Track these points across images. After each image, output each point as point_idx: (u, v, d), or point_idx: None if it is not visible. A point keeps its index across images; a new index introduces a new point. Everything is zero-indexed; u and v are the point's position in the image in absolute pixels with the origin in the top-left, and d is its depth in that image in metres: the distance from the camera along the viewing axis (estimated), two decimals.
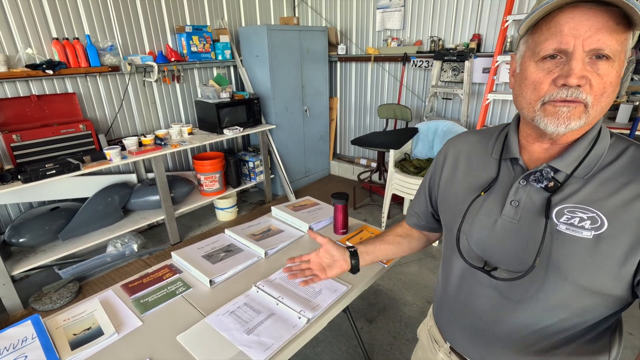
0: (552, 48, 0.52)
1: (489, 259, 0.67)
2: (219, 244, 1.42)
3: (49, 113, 2.36)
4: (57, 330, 1.01)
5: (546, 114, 0.55)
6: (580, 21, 0.50)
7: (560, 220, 0.58)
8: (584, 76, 0.51)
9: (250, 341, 0.95)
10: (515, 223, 0.62)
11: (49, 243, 2.34)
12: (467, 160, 0.74)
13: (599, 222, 0.55)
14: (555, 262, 0.58)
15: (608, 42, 0.49)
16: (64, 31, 2.42)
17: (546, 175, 0.60)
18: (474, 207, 0.68)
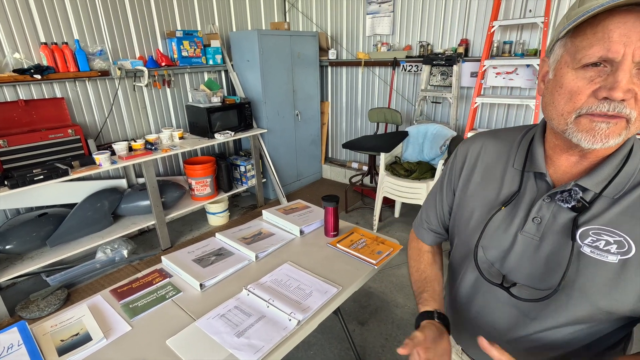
0: (598, 55, 0.46)
1: (507, 274, 0.64)
2: (209, 247, 1.42)
3: (37, 118, 2.33)
4: (44, 336, 0.99)
5: (580, 128, 0.50)
6: (633, 27, 0.44)
7: (585, 242, 0.55)
8: (630, 89, 0.45)
9: (240, 344, 0.95)
10: (537, 240, 0.60)
11: (37, 250, 2.30)
12: (485, 168, 0.70)
13: (626, 246, 0.52)
14: (578, 286, 0.56)
15: None
16: (53, 36, 2.41)
17: (574, 196, 0.56)
18: (493, 221, 0.65)
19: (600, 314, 0.57)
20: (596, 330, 0.60)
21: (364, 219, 3.23)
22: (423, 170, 2.75)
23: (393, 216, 3.24)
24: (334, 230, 1.47)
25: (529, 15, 2.64)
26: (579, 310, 0.57)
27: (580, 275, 0.55)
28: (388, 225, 3.10)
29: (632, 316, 0.56)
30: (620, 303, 0.54)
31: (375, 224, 2.95)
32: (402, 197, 2.71)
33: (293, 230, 1.53)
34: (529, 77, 2.68)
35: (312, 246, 1.43)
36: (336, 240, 1.43)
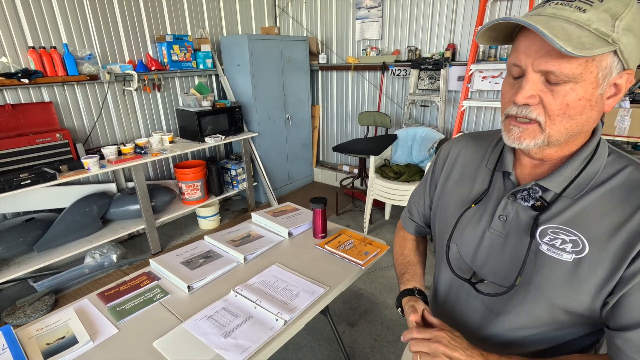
0: (512, 63, 0.54)
1: (477, 270, 0.68)
2: (198, 250, 1.43)
3: (24, 122, 2.31)
4: (30, 340, 0.99)
5: (505, 128, 0.57)
6: (532, 42, 0.50)
7: (543, 240, 0.58)
8: (533, 95, 0.51)
9: (227, 344, 0.96)
10: (503, 237, 0.63)
11: (24, 255, 2.28)
12: (463, 167, 0.74)
13: (580, 246, 0.54)
14: (535, 283, 0.58)
15: (558, 66, 0.48)
16: (41, 40, 2.40)
17: (533, 195, 0.59)
18: (464, 218, 0.69)
19: (560, 313, 0.58)
20: (564, 334, 0.61)
21: (354, 222, 3.26)
22: (412, 173, 2.78)
23: (383, 218, 3.27)
24: (322, 232, 1.49)
25: None
26: (537, 308, 0.59)
27: (537, 272, 0.58)
28: (379, 227, 3.12)
29: (592, 317, 0.57)
30: (575, 302, 0.56)
31: (366, 226, 2.97)
32: (392, 199, 2.75)
33: (282, 232, 1.54)
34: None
35: (300, 248, 1.44)
36: (324, 242, 1.45)
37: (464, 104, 2.82)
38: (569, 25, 0.47)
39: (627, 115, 2.37)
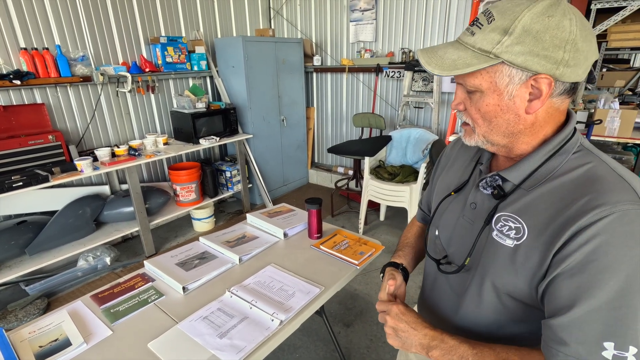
0: None
1: (449, 254, 0.75)
2: (193, 251, 1.42)
3: (16, 124, 2.29)
4: (22, 343, 0.98)
5: None
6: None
7: (496, 227, 0.62)
8: (460, 103, 0.62)
9: (223, 344, 0.95)
10: (471, 223, 0.69)
11: (15, 258, 2.25)
12: (454, 159, 0.82)
13: (521, 232, 0.58)
14: (481, 265, 0.64)
15: (467, 81, 0.59)
16: (33, 41, 2.38)
17: (491, 183, 0.66)
18: (443, 205, 0.76)
19: (507, 299, 0.62)
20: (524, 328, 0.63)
21: (350, 223, 3.26)
22: (406, 174, 2.80)
23: (378, 219, 3.28)
24: (318, 233, 1.49)
25: None
26: (484, 291, 0.64)
27: (484, 255, 0.64)
28: (374, 228, 3.13)
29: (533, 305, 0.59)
30: (515, 287, 0.59)
31: (361, 227, 2.98)
32: (387, 200, 2.76)
33: (277, 233, 1.54)
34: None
35: (295, 248, 1.44)
36: (319, 242, 1.45)
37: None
38: (458, 50, 0.57)
39: (617, 117, 2.42)
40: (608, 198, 0.50)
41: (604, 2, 3.22)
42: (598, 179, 0.54)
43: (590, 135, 2.51)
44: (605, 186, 0.52)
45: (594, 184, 0.53)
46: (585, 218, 0.50)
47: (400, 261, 0.88)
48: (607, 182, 0.53)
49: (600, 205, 0.50)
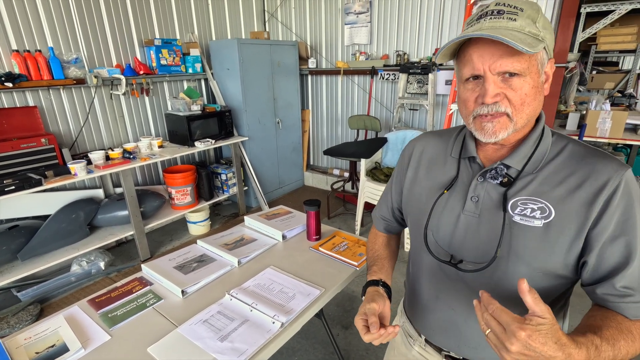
0: (469, 74, 0.62)
1: (454, 253, 0.71)
2: (191, 254, 1.41)
3: (8, 127, 2.25)
4: (18, 349, 0.96)
5: (476, 127, 0.64)
6: (484, 50, 0.59)
7: (515, 212, 0.64)
8: (498, 94, 0.60)
9: (224, 348, 0.94)
10: (477, 217, 0.68)
11: (7, 264, 2.21)
12: (429, 160, 0.80)
13: (547, 211, 0.61)
14: (514, 251, 0.63)
15: (511, 64, 0.58)
16: (25, 43, 2.35)
17: (500, 172, 0.66)
18: (438, 205, 0.73)
19: (539, 277, 0.64)
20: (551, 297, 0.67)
21: (346, 225, 3.26)
22: None
23: None
24: (316, 234, 1.49)
25: None
26: (518, 274, 0.64)
27: (514, 241, 0.63)
28: (370, 229, 3.13)
29: (565, 275, 0.64)
30: (551, 262, 0.62)
31: (357, 228, 2.98)
32: None
33: (275, 235, 1.53)
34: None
35: (294, 250, 1.44)
36: (318, 244, 1.45)
37: (451, 108, 2.87)
38: (510, 32, 0.57)
39: (608, 118, 2.46)
40: (609, 168, 0.59)
41: (593, 6, 3.28)
42: (587, 154, 0.63)
43: (583, 136, 2.55)
44: (598, 158, 0.61)
45: (590, 159, 0.62)
46: (607, 189, 0.58)
47: (379, 277, 0.83)
48: (595, 156, 0.62)
49: (611, 176, 0.58)
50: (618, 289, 0.58)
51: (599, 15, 3.34)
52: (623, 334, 0.55)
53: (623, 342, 0.54)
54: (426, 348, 0.84)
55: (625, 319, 0.58)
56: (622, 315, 0.59)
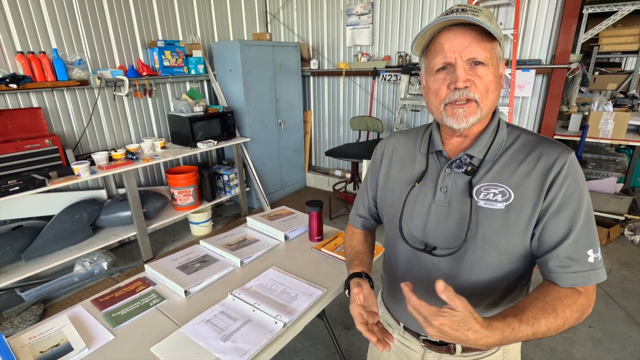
0: (442, 63, 0.67)
1: (428, 241, 0.77)
2: (193, 255, 1.41)
3: (12, 128, 2.27)
4: (22, 349, 0.97)
5: (448, 114, 0.69)
6: (454, 39, 0.65)
7: (480, 197, 0.70)
8: (468, 79, 0.65)
9: (226, 348, 0.95)
10: (446, 206, 0.74)
11: (11, 264, 2.22)
12: (400, 157, 0.85)
13: (507, 194, 0.68)
14: (481, 234, 0.69)
15: (478, 52, 0.64)
16: (29, 45, 2.37)
17: (465, 162, 0.72)
18: (411, 197, 0.79)
19: (504, 256, 0.70)
20: (508, 277, 0.73)
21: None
22: None
23: None
24: (318, 235, 1.49)
25: None
26: (487, 255, 0.70)
27: (481, 224, 0.69)
28: None
29: (526, 254, 0.70)
30: (513, 241, 0.68)
31: None
32: None
33: (277, 236, 1.54)
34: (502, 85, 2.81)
35: (296, 251, 1.44)
36: (320, 245, 1.45)
37: None
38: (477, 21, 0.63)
39: (611, 119, 2.46)
40: (556, 152, 0.67)
41: (595, 7, 3.27)
42: (537, 142, 0.70)
43: (585, 137, 2.55)
44: (546, 145, 0.69)
45: (540, 146, 0.69)
46: (554, 169, 0.66)
47: (360, 269, 0.87)
48: (544, 143, 0.70)
49: (557, 158, 0.66)
50: (562, 259, 0.65)
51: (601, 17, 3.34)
52: (546, 313, 0.61)
53: (544, 321, 0.60)
54: (405, 335, 0.88)
55: (556, 296, 0.64)
56: (556, 290, 0.65)
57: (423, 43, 0.70)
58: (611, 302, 2.17)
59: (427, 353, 0.84)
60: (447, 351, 0.80)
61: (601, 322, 2.00)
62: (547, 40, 2.66)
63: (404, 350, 0.89)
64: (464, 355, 0.79)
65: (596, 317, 2.04)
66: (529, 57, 2.75)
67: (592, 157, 3.13)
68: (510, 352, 0.80)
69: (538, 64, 2.68)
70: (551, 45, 2.65)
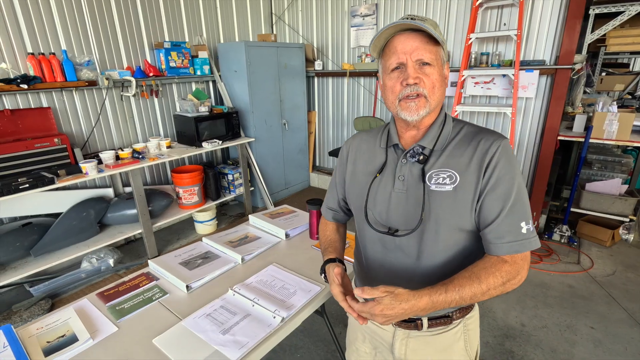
0: (396, 63, 0.77)
1: (391, 225, 0.86)
2: (196, 251, 1.45)
3: (22, 127, 2.33)
4: (30, 338, 1.00)
5: (402, 108, 0.78)
6: (405, 42, 0.75)
7: (432, 182, 0.79)
8: (417, 77, 0.75)
9: (225, 340, 0.98)
10: (404, 192, 0.83)
11: (20, 260, 2.28)
12: (363, 153, 0.95)
13: (454, 178, 0.78)
14: (435, 214, 0.78)
15: (425, 54, 0.75)
16: (40, 46, 2.43)
17: (417, 152, 0.83)
18: (373, 187, 0.88)
19: (458, 233, 0.79)
20: (463, 253, 0.81)
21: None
22: None
23: None
24: (319, 233, 1.51)
25: (503, 29, 2.78)
26: (442, 233, 0.79)
27: (434, 206, 0.79)
28: None
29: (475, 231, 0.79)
30: (462, 218, 0.77)
31: None
32: None
33: (278, 234, 1.56)
34: (505, 86, 2.81)
35: (297, 248, 1.47)
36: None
37: (456, 109, 2.88)
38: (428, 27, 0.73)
39: (615, 120, 2.44)
40: (491, 138, 0.77)
41: (602, 7, 3.25)
42: (477, 132, 0.81)
43: (589, 138, 2.53)
44: (484, 134, 0.80)
45: (479, 134, 0.80)
46: (489, 153, 0.76)
47: (334, 255, 0.96)
48: (482, 132, 0.80)
49: (492, 144, 0.76)
50: (498, 231, 0.74)
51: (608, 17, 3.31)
52: (471, 280, 0.72)
53: (468, 287, 0.71)
54: None
55: (482, 266, 0.74)
56: (488, 260, 0.75)
57: (379, 45, 0.79)
58: (614, 304, 2.15)
59: (397, 331, 0.91)
60: (415, 327, 0.88)
61: (603, 324, 1.99)
62: (552, 40, 2.65)
63: (377, 331, 0.96)
64: (429, 330, 0.88)
65: (598, 318, 2.03)
66: (533, 58, 2.74)
67: (598, 159, 3.11)
68: (470, 325, 0.91)
69: (542, 65, 2.67)
70: (555, 45, 2.64)
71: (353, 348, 1.06)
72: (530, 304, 2.17)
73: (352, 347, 1.07)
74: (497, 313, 2.11)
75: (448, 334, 0.88)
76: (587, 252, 2.73)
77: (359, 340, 1.03)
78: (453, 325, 0.88)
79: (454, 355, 0.90)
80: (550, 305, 2.16)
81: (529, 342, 1.89)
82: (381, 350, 0.98)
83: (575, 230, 2.95)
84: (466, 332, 0.90)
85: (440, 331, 0.88)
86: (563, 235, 2.84)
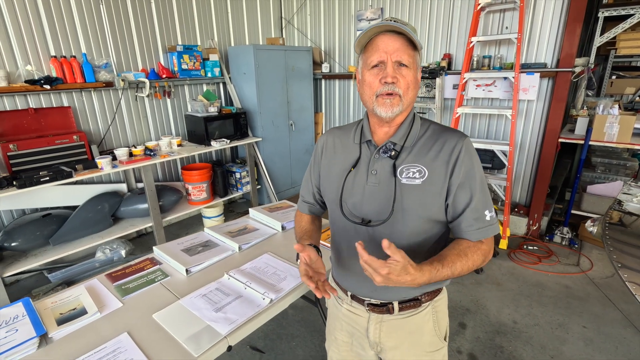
0: (377, 60, 0.81)
1: (364, 216, 0.91)
2: (197, 240, 1.56)
3: (44, 125, 2.50)
4: (45, 310, 1.13)
5: (379, 104, 0.84)
6: (388, 43, 0.80)
7: (402, 176, 0.85)
8: (395, 76, 0.81)
9: (217, 317, 1.08)
10: (377, 186, 0.88)
11: (40, 248, 2.44)
12: (337, 148, 0.99)
13: (423, 172, 0.84)
14: (405, 206, 0.85)
15: (404, 56, 0.80)
16: (62, 49, 2.60)
17: (389, 148, 0.88)
18: (348, 180, 0.92)
19: (426, 223, 0.86)
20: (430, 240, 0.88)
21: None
22: None
23: None
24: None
25: (505, 32, 2.82)
26: (411, 222, 0.85)
27: (404, 198, 0.85)
28: None
29: (443, 220, 0.86)
30: (430, 209, 0.84)
31: None
32: None
33: (275, 226, 1.66)
34: (507, 89, 2.84)
35: (292, 240, 1.56)
36: None
37: (458, 111, 2.92)
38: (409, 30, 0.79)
39: (616, 122, 2.45)
40: (455, 138, 0.85)
41: (611, 10, 3.24)
42: (442, 131, 0.88)
43: (589, 140, 2.55)
44: (448, 133, 0.87)
45: (444, 134, 0.87)
46: (454, 152, 0.83)
47: (309, 242, 0.98)
48: (447, 131, 0.88)
49: (456, 143, 0.84)
50: (469, 220, 0.83)
51: (618, 19, 3.29)
52: (460, 257, 0.80)
53: (459, 263, 0.79)
54: (352, 303, 1.00)
55: (466, 246, 0.82)
56: (466, 242, 0.83)
57: (363, 43, 0.85)
58: (609, 305, 2.16)
59: (371, 316, 0.97)
60: (387, 312, 0.94)
61: (596, 324, 2.01)
62: (553, 44, 2.67)
63: (352, 317, 1.01)
64: (400, 313, 0.94)
65: (592, 318, 2.05)
66: (534, 61, 2.77)
67: (602, 162, 3.10)
68: (438, 307, 0.98)
69: (543, 68, 2.69)
70: (557, 48, 2.67)
71: (332, 337, 1.10)
72: (525, 303, 2.21)
73: (331, 337, 1.11)
74: (490, 310, 2.15)
75: (418, 316, 0.95)
76: (587, 254, 2.73)
77: (337, 330, 1.07)
78: (422, 308, 0.95)
79: (424, 335, 0.97)
80: (544, 305, 2.19)
81: (519, 338, 1.93)
82: (357, 337, 1.03)
83: (577, 232, 2.96)
84: (435, 313, 0.97)
85: (411, 314, 0.94)
86: (564, 237, 2.85)
